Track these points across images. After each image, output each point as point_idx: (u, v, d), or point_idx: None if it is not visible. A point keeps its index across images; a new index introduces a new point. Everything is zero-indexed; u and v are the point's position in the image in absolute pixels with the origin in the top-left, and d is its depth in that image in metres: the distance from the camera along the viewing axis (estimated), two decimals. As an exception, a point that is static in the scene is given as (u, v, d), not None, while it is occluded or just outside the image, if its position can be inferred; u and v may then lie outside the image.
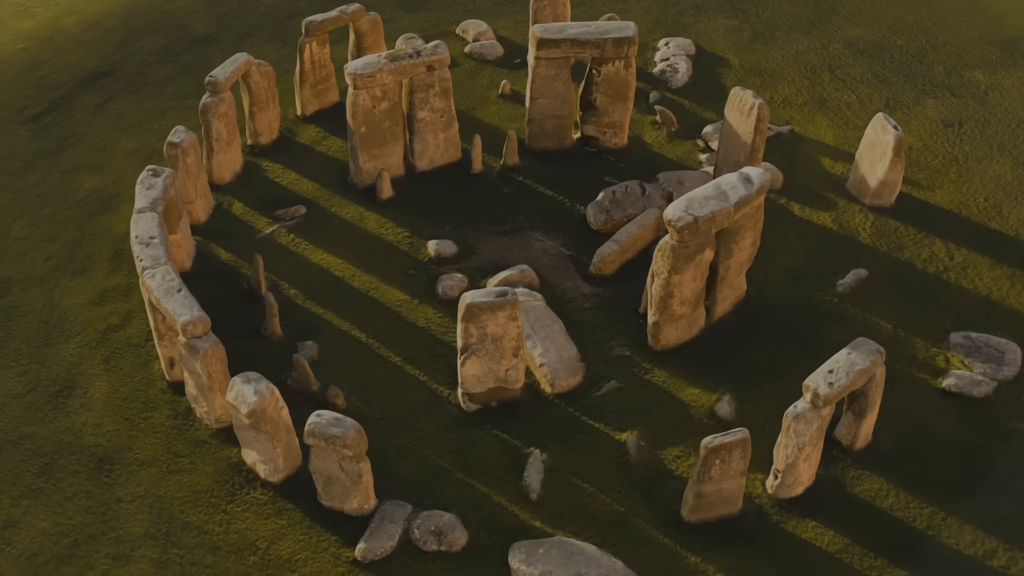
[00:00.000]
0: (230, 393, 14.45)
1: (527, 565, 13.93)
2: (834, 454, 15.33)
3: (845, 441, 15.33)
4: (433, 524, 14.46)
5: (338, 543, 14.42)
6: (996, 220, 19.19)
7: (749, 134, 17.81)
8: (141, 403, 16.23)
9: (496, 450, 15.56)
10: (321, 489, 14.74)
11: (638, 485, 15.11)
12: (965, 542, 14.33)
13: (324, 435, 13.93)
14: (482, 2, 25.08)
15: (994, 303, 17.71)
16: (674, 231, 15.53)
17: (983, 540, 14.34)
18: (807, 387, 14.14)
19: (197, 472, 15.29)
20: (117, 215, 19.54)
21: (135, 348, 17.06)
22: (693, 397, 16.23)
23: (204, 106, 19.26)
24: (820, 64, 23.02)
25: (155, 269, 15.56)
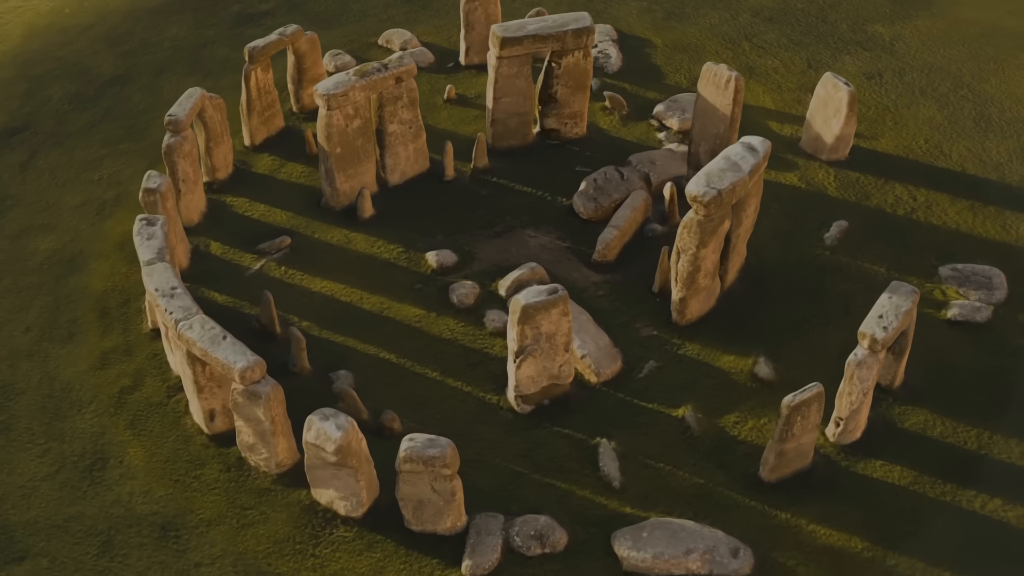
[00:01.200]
0: (309, 433, 13.99)
1: (636, 551, 14.13)
2: (875, 395, 16.21)
3: (884, 381, 16.20)
4: (532, 528, 14.45)
5: (440, 565, 14.22)
6: (941, 159, 20.57)
7: (728, 106, 18.46)
8: (186, 462, 15.47)
9: (564, 446, 15.66)
10: (411, 515, 14.47)
11: (709, 456, 15.54)
12: (1016, 454, 15.43)
13: (422, 458, 13.68)
14: (394, 11, 24.85)
15: (964, 235, 19.01)
16: (701, 206, 15.99)
17: (1029, 450, 15.54)
18: (863, 335, 14.88)
19: (271, 521, 14.72)
20: (88, 274, 18.44)
21: (158, 407, 16.22)
22: (730, 364, 16.77)
23: (168, 147, 18.41)
24: (736, 35, 23.99)
25: (190, 320, 14.84)
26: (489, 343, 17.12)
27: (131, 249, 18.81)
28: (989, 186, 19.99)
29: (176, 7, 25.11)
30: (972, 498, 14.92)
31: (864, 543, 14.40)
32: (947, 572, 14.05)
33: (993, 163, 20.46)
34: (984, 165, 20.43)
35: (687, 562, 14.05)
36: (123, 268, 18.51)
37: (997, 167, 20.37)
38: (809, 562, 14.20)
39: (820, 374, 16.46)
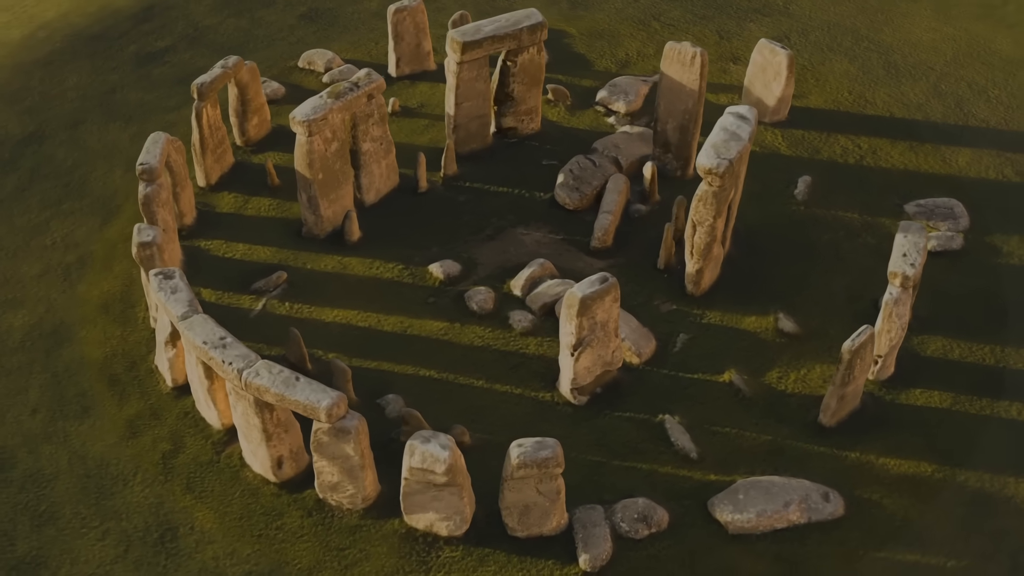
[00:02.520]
0: (413, 458, 13.72)
1: (738, 513, 14.61)
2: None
3: (897, 316, 17.34)
4: (634, 512, 14.69)
5: (556, 564, 14.28)
6: (868, 107, 21.98)
7: (695, 81, 19.12)
8: (262, 515, 14.84)
9: (631, 429, 15.95)
10: (515, 522, 14.43)
11: (766, 413, 16.18)
12: None
13: (536, 461, 13.68)
14: (301, 32, 24.26)
15: (912, 173, 20.43)
16: (716, 177, 16.58)
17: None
18: (894, 274, 15.85)
19: (373, 557, 14.35)
20: (79, 343, 17.29)
21: (210, 466, 15.47)
22: (753, 324, 17.47)
23: (146, 197, 17.46)
24: (643, 16, 24.73)
25: (253, 367, 14.23)
26: (522, 343, 17.19)
27: (118, 310, 17.85)
28: (918, 126, 21.52)
29: (67, 56, 23.68)
30: (1008, 407, 16.20)
31: (931, 466, 15.42)
32: (1010, 477, 15.25)
33: (915, 104, 22.04)
34: (907, 107, 21.97)
35: (788, 514, 14.65)
36: (116, 331, 17.48)
37: (919, 108, 21.96)
38: (891, 493, 15.08)
39: (836, 319, 17.50)
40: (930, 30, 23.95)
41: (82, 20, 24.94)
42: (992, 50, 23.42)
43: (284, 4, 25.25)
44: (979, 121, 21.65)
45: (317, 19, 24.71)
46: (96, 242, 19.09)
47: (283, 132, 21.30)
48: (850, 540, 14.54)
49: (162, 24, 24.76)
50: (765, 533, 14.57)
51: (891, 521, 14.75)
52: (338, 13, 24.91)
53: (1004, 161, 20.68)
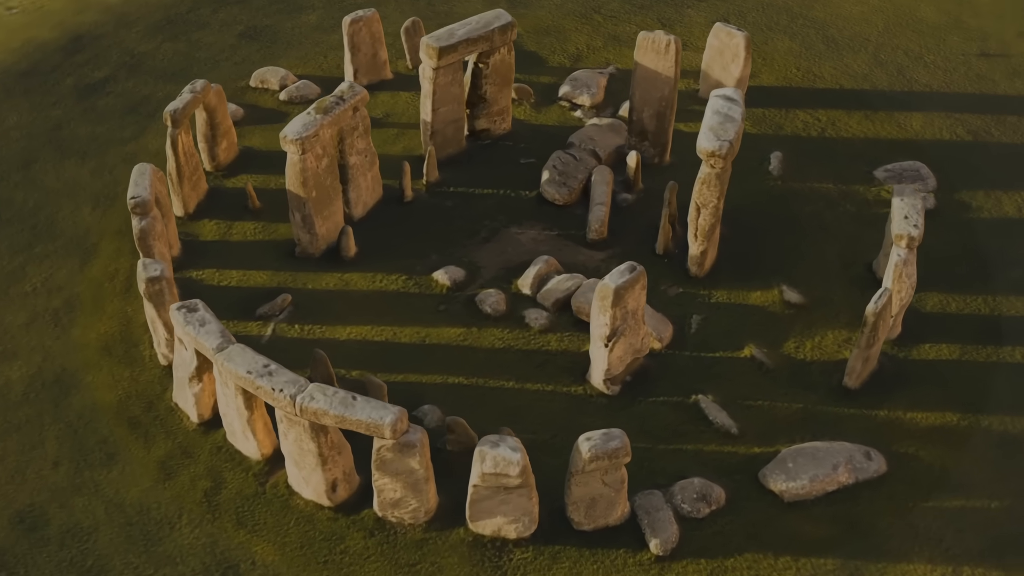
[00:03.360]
0: (485, 464, 13.67)
1: (792, 480, 15.04)
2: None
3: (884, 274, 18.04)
4: (693, 492, 14.96)
5: (628, 553, 14.44)
6: (818, 81, 22.77)
7: (670, 68, 19.48)
8: (323, 541, 14.56)
9: (668, 412, 16.22)
10: (582, 516, 14.53)
11: (792, 382, 16.67)
12: (1018, 307, 17.75)
13: (607, 452, 13.80)
14: (244, 52, 23.70)
15: (873, 140, 21.26)
16: (719, 160, 16.97)
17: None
18: (900, 236, 16.50)
19: (446, 568, 14.24)
20: (87, 389, 16.59)
21: (257, 498, 15.08)
22: (760, 299, 17.95)
23: (142, 231, 16.88)
24: (584, 10, 25.00)
25: (306, 391, 13.93)
26: (543, 340, 17.27)
27: (121, 351, 17.23)
28: (867, 95, 22.40)
29: (1, 95, 22.61)
30: (1011, 352, 17.07)
31: (955, 415, 16.14)
32: (1029, 417, 16.16)
33: (860, 75, 22.94)
34: (854, 78, 22.85)
35: (837, 476, 15.15)
36: (124, 373, 16.84)
37: (865, 78, 22.87)
38: (924, 446, 15.73)
39: (836, 285, 18.17)
40: (859, 3, 24.94)
41: (8, 57, 23.84)
42: (918, 18, 24.54)
43: (219, 24, 24.67)
44: (922, 86, 22.68)
45: (258, 37, 24.23)
46: (80, 283, 18.34)
47: (250, 154, 20.89)
48: (898, 494, 15.13)
49: (95, 54, 23.88)
50: (819, 497, 15.05)
51: (930, 472, 15.41)
52: (278, 29, 24.48)
53: (954, 122, 21.73)
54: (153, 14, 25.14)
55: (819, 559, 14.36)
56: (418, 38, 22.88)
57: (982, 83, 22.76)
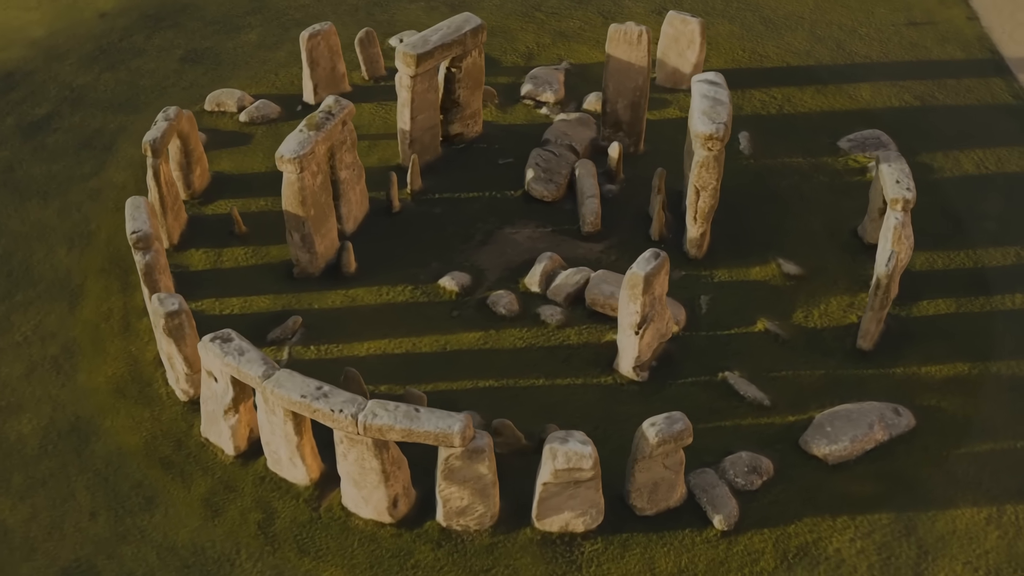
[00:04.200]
0: (557, 461, 13.74)
1: (833, 444, 15.54)
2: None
3: (871, 239, 18.78)
4: (744, 466, 15.32)
5: (693, 532, 14.71)
6: (765, 60, 23.51)
7: (643, 58, 19.81)
8: (392, 558, 14.37)
9: (699, 392, 16.55)
10: (645, 502, 14.73)
11: (808, 350, 17.21)
12: (998, 257, 18.72)
13: (673, 435, 14.03)
14: (191, 76, 23.06)
15: (828, 112, 22.07)
16: (718, 142, 17.38)
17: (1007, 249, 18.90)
18: (895, 200, 17.18)
19: (521, 570, 14.26)
20: (109, 435, 15.94)
21: (314, 524, 14.78)
22: (760, 274, 18.46)
23: (147, 266, 16.32)
24: (525, 8, 25.17)
25: (366, 408, 13.72)
26: (563, 336, 17.40)
27: (135, 392, 16.66)
28: (814, 70, 23.24)
29: (-63, 139, 21.54)
30: (1001, 300, 17.99)
31: (965, 365, 16.93)
32: (1033, 359, 17.08)
33: (803, 52, 23.77)
34: (798, 55, 23.67)
35: (874, 435, 15.73)
36: (144, 413, 16.26)
37: (808, 54, 23.71)
38: (944, 396, 16.47)
39: (828, 253, 18.87)
40: (787, -17, 25.90)
41: (-63, 100, 22.73)
42: (833, -8, 25.63)
43: (156, 51, 23.97)
44: (862, 57, 23.65)
45: (200, 60, 23.63)
46: (74, 327, 17.62)
47: (222, 179, 20.41)
48: (931, 445, 15.81)
49: (31, 91, 22.90)
50: (860, 457, 15.61)
51: (955, 421, 16.14)
52: (220, 51, 23.92)
53: (900, 89, 22.73)
54: (83, 45, 24.26)
55: (873, 515, 14.91)
56: (373, 48, 22.72)
57: (916, 51, 23.88)
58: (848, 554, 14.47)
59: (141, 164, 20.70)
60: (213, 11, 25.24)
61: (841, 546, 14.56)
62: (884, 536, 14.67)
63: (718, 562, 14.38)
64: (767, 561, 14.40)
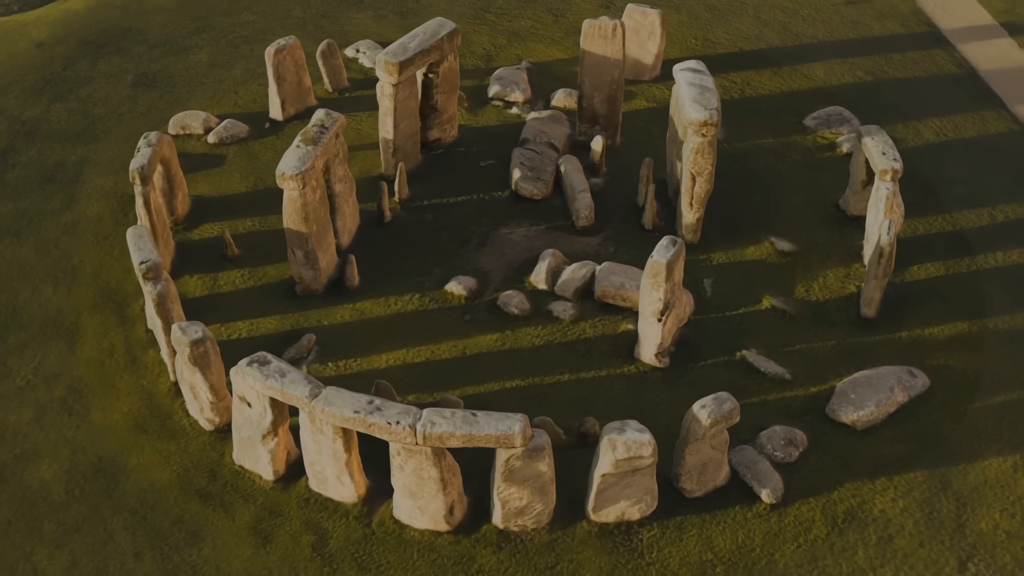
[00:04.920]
0: (617, 451, 13.88)
1: (860, 410, 16.06)
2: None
3: (855, 210, 19.45)
4: (780, 439, 15.71)
5: (745, 508, 15.04)
6: (719, 47, 24.04)
7: (618, 51, 20.06)
8: (454, 567, 14.32)
9: (720, 372, 16.89)
10: (694, 483, 14.99)
11: (815, 322, 17.73)
12: (971, 219, 19.57)
13: (723, 414, 14.30)
14: (149, 101, 22.40)
15: (788, 93, 22.74)
16: (712, 128, 17.74)
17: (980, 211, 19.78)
18: (884, 171, 17.82)
19: (586, 563, 14.37)
20: (136, 472, 15.46)
21: (368, 540, 14.63)
22: (755, 253, 18.91)
23: (160, 296, 15.85)
24: (474, 11, 25.21)
25: (423, 418, 13.62)
26: (579, 330, 17.54)
27: (156, 425, 16.21)
28: (766, 53, 23.88)
29: None
30: (984, 259, 18.81)
31: (965, 323, 17.67)
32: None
33: (752, 36, 24.41)
34: (748, 40, 24.28)
35: (895, 397, 16.29)
36: (169, 447, 15.81)
37: (757, 38, 24.35)
38: (951, 355, 17.15)
39: (816, 228, 19.49)
40: (725, -30, 26.53)
41: None
42: (781, -23, 26.39)
43: (104, 78, 23.25)
44: (809, 38, 24.41)
45: (153, 84, 23.02)
46: (77, 366, 17.01)
47: (203, 203, 19.96)
48: (948, 403, 16.46)
49: (-22, 127, 22.04)
50: (885, 420, 16.15)
51: (966, 377, 16.84)
52: (171, 73, 23.34)
53: (850, 66, 23.53)
54: (24, 77, 23.39)
55: (908, 474, 15.46)
56: (335, 60, 22.49)
57: (858, 28, 24.74)
58: (893, 513, 14.99)
59: (113, 194, 20.14)
60: (155, 34, 24.62)
61: (885, 507, 15.07)
62: (923, 493, 15.24)
63: (773, 534, 14.74)
64: (819, 528, 14.82)
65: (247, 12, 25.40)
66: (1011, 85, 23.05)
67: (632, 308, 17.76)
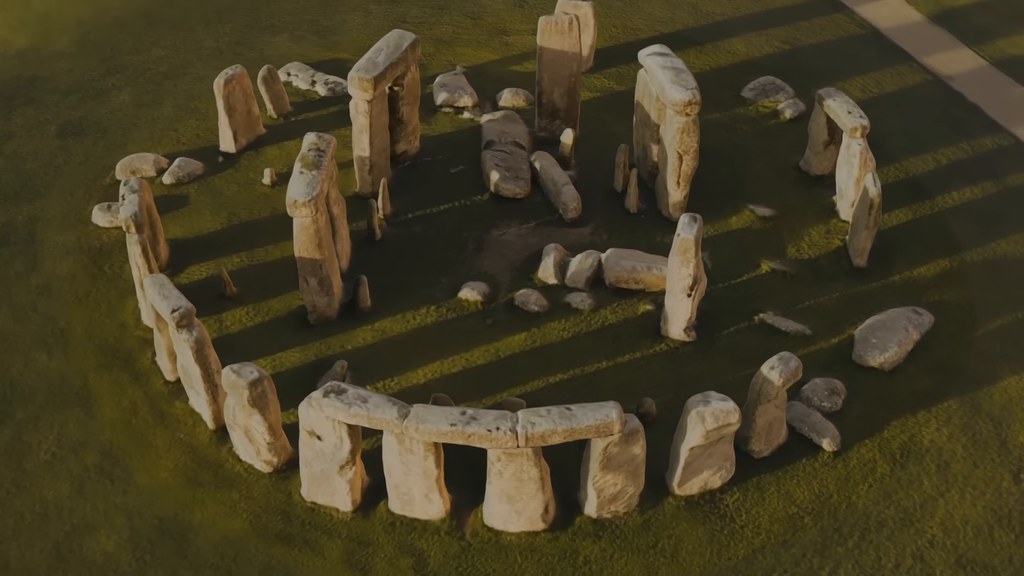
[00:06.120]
0: (707, 422, 14.25)
1: (884, 352, 17.06)
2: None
3: (818, 170, 20.53)
4: (823, 390, 16.51)
5: (811, 460, 15.71)
6: (639, 32, 24.79)
7: (575, 45, 20.41)
8: (561, 563, 14.38)
9: (746, 337, 17.57)
10: (762, 444, 15.60)
11: (814, 278, 18.67)
12: (920, 166, 20.99)
13: (793, 372, 14.91)
14: (80, 150, 21.21)
15: (718, 68, 23.71)
16: (695, 106, 18.36)
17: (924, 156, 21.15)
18: (855, 128, 18.87)
19: (685, 537, 14.70)
20: (207, 526, 14.75)
21: (468, 553, 14.50)
22: (740, 222, 19.70)
23: (198, 342, 15.21)
24: (390, 23, 24.91)
25: (521, 419, 13.63)
26: (601, 317, 17.85)
27: (209, 478, 15.65)
28: (686, 34, 24.79)
29: None
30: (943, 199, 20.22)
31: (946, 260, 18.97)
32: (998, 240, 19.25)
33: (667, 20, 25.28)
34: (665, 23, 25.14)
35: (910, 336, 17.35)
36: (233, 495, 15.15)
37: (673, 20, 25.25)
38: (943, 291, 18.38)
39: (786, 191, 20.50)
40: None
41: None
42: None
43: (24, 131, 21.93)
44: (720, 16, 25.48)
45: (81, 132, 21.87)
46: (103, 431, 16.08)
47: (179, 246, 19.20)
48: (955, 334, 17.65)
49: (-100, 199, 20.42)
50: (906, 358, 17.18)
51: (962, 309, 18.08)
52: (97, 118, 22.24)
53: (767, 37, 24.73)
54: (-66, 139, 21.86)
55: (942, 404, 16.52)
56: (277, 86, 21.98)
57: (762, 1, 25.98)
58: (942, 442, 16.01)
59: (79, 249, 19.10)
60: (64, 80, 23.38)
61: (932, 437, 16.08)
62: (960, 419, 16.33)
63: (843, 479, 15.49)
64: (882, 467, 15.67)
65: (155, 48, 24.47)
66: (911, 39, 24.77)
67: (645, 289, 18.25)
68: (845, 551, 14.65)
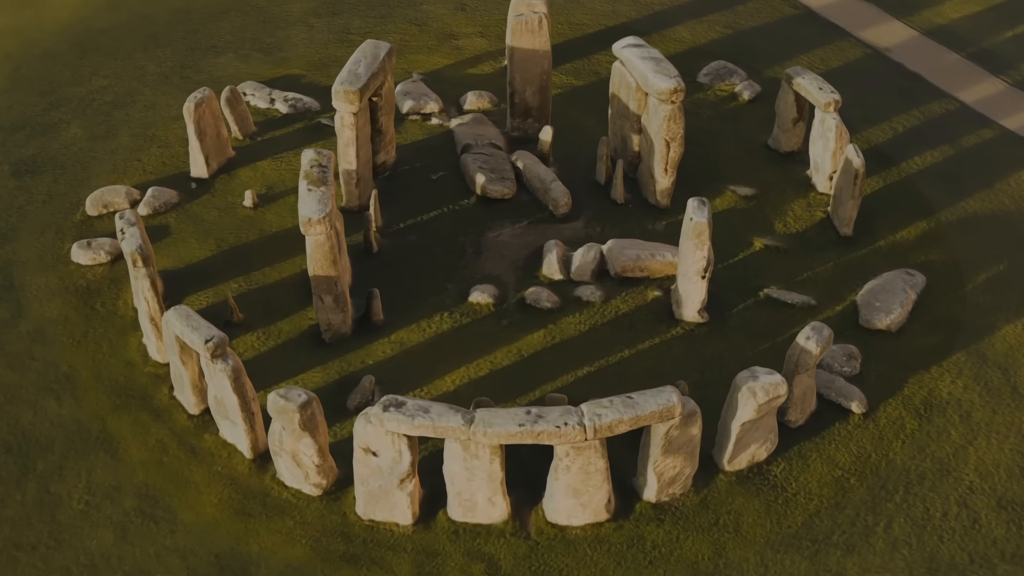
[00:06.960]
0: (758, 397, 14.62)
1: (889, 313, 17.80)
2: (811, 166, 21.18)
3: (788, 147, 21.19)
4: (842, 355, 17.14)
5: (843, 424, 16.27)
6: (584, 27, 25.06)
7: (545, 43, 20.53)
8: (630, 550, 14.56)
9: (756, 313, 18.07)
10: (798, 413, 16.07)
11: (806, 249, 19.29)
12: (880, 134, 21.86)
13: (825, 339, 15.36)
14: (40, 189, 20.26)
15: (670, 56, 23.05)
16: (680, 94, 18.73)
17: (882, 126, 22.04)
18: (828, 103, 19.52)
19: (743, 512, 15.05)
20: (265, 558, 14.39)
21: (537, 553, 14.54)
22: (724, 203, 20.16)
23: (235, 371, 14.81)
24: (336, 37, 24.62)
25: (587, 412, 13.72)
26: (614, 308, 18.06)
27: (258, 509, 15.30)
28: (632, 26, 25.07)
29: None
30: (908, 165, 21.12)
31: (926, 222, 19.85)
32: (969, 198, 20.19)
33: (611, 13, 25.64)
34: (609, 16, 25.48)
35: (909, 296, 18.09)
36: (287, 523, 14.80)
37: (615, 13, 25.60)
38: (929, 251, 19.23)
39: (763, 169, 21.13)
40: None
41: None
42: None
43: (-26, 173, 20.97)
44: (659, 5, 25.99)
45: (38, 170, 20.96)
46: (136, 473, 15.49)
47: (171, 277, 18.60)
48: (948, 290, 18.49)
49: None
50: (909, 317, 17.92)
51: (951, 266, 18.94)
52: (51, 154, 21.35)
53: (708, 23, 25.34)
54: None
55: (951, 358, 17.30)
56: (240, 106, 21.50)
57: (696, -11, 26.68)
58: (959, 393, 16.78)
59: (65, 290, 18.35)
60: (5, 118, 22.29)
61: (950, 390, 16.83)
62: (971, 369, 17.13)
63: (878, 438, 16.08)
64: (911, 423, 16.32)
65: (96, 77, 23.62)
66: (844, 16, 25.73)
67: (650, 276, 18.56)
68: (894, 506, 15.25)
